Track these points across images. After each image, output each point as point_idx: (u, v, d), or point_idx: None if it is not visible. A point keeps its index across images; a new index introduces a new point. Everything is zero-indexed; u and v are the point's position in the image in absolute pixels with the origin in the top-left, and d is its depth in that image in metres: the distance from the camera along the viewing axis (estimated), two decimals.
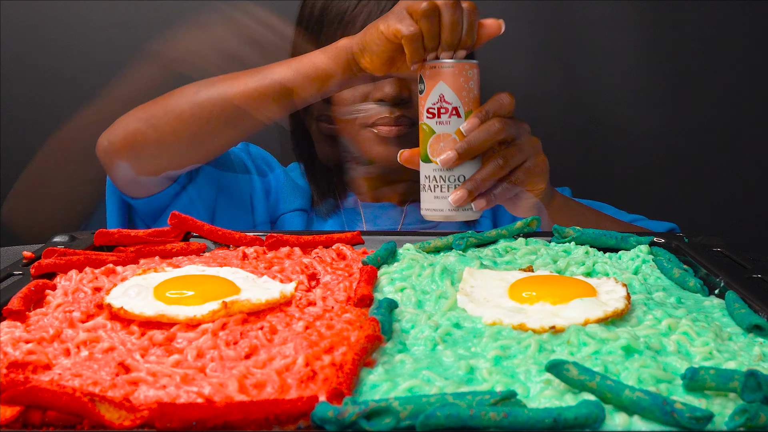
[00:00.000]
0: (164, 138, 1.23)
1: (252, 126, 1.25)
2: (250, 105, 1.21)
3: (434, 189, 1.10)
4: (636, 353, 0.69)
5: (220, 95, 1.22)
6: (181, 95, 1.25)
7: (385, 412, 0.56)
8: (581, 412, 0.57)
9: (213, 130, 1.23)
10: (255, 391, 0.63)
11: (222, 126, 1.23)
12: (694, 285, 0.89)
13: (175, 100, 1.25)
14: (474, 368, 0.67)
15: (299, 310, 0.81)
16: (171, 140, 1.23)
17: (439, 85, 1.09)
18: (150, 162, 1.26)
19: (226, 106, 1.21)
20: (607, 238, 1.03)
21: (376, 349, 0.70)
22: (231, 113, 1.22)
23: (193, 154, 1.27)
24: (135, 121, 1.26)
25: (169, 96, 1.26)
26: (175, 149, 1.25)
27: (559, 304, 0.79)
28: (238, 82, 1.22)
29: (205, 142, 1.25)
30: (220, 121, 1.23)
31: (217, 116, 1.22)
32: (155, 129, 1.24)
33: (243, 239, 1.04)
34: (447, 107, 1.09)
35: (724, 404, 0.61)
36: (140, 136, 1.24)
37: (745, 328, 0.76)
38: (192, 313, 0.75)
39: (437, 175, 1.11)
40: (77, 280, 0.87)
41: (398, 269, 0.91)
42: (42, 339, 0.72)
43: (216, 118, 1.22)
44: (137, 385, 0.64)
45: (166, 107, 1.25)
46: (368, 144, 1.40)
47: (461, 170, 1.10)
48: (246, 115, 1.22)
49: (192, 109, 1.23)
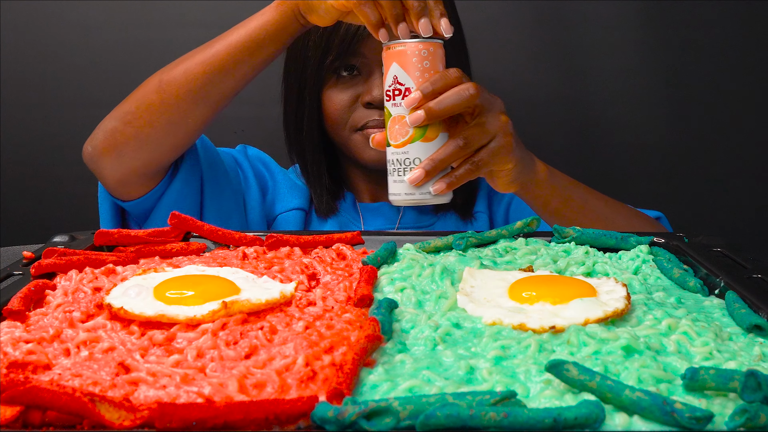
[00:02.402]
0: (142, 131, 1.25)
1: (221, 96, 1.25)
2: (212, 78, 1.22)
3: (394, 173, 1.06)
4: (636, 353, 0.69)
5: (183, 74, 1.23)
6: (147, 86, 1.27)
7: (385, 412, 0.56)
8: (581, 412, 0.57)
9: (184, 111, 1.24)
10: (255, 391, 0.63)
11: (191, 104, 1.24)
12: (694, 285, 0.89)
13: (142, 92, 1.27)
14: (474, 368, 0.67)
15: (299, 310, 0.81)
16: (148, 132, 1.25)
17: (393, 67, 1.06)
18: (134, 158, 1.27)
19: (190, 84, 1.23)
20: (607, 238, 1.03)
21: (376, 349, 0.70)
22: (196, 90, 1.23)
23: (174, 140, 1.28)
24: (111, 121, 1.28)
25: (137, 90, 1.28)
26: (154, 139, 1.26)
27: (559, 304, 0.79)
28: (195, 58, 1.23)
29: (180, 124, 1.26)
30: (187, 100, 1.24)
31: (184, 96, 1.23)
32: (131, 125, 1.26)
33: (243, 239, 1.04)
34: (400, 88, 1.05)
35: (724, 404, 0.61)
36: (119, 134, 1.26)
37: (745, 328, 0.76)
38: (192, 313, 0.75)
39: (395, 158, 1.06)
40: (77, 280, 0.87)
41: (398, 269, 0.91)
42: (42, 339, 0.72)
43: (183, 98, 1.23)
44: (137, 385, 0.64)
45: (136, 101, 1.26)
46: (359, 147, 1.41)
47: (417, 152, 1.05)
48: (211, 87, 1.23)
49: (159, 97, 1.24)
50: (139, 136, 1.25)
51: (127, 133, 1.26)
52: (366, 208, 1.51)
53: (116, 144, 1.27)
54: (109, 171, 1.29)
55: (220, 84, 1.23)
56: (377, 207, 1.51)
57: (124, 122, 1.26)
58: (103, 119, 1.30)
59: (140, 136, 1.25)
